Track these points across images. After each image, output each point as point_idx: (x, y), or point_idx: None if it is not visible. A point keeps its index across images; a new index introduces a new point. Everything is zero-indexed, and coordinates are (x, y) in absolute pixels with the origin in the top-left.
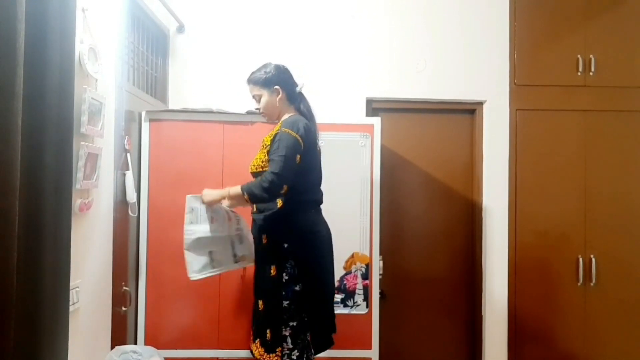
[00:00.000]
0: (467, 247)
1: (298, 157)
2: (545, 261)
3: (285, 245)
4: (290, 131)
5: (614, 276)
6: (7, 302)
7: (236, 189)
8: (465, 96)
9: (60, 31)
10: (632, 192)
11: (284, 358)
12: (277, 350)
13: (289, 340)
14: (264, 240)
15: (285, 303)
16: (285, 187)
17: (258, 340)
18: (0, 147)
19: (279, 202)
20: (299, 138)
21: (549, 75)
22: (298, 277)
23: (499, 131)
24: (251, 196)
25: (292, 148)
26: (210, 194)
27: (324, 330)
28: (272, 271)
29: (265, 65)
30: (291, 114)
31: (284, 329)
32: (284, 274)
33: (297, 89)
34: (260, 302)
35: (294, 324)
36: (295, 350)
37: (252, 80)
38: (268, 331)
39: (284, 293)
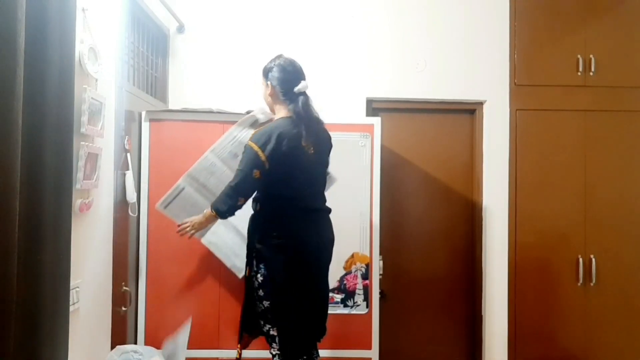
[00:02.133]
0: (467, 247)
1: (256, 172)
2: (545, 261)
3: (258, 247)
4: (253, 145)
5: (614, 276)
6: (7, 302)
7: (208, 209)
8: (465, 96)
9: (60, 31)
10: (632, 192)
11: (274, 358)
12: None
13: (277, 340)
14: (247, 240)
15: (267, 303)
16: (241, 199)
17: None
18: (0, 147)
19: (257, 205)
20: (260, 152)
21: (549, 75)
22: (269, 281)
23: (499, 131)
24: (218, 212)
25: (250, 163)
26: (199, 222)
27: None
28: (247, 272)
29: (275, 57)
30: (282, 116)
31: (271, 329)
32: (258, 276)
33: (296, 89)
34: (245, 300)
35: (282, 324)
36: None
37: (262, 70)
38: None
39: (262, 294)
